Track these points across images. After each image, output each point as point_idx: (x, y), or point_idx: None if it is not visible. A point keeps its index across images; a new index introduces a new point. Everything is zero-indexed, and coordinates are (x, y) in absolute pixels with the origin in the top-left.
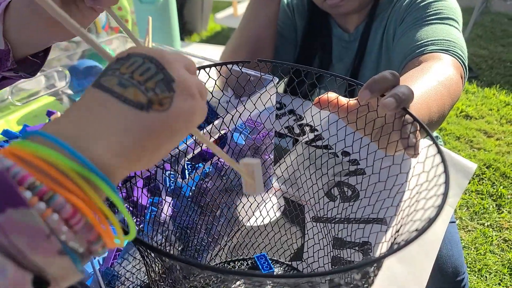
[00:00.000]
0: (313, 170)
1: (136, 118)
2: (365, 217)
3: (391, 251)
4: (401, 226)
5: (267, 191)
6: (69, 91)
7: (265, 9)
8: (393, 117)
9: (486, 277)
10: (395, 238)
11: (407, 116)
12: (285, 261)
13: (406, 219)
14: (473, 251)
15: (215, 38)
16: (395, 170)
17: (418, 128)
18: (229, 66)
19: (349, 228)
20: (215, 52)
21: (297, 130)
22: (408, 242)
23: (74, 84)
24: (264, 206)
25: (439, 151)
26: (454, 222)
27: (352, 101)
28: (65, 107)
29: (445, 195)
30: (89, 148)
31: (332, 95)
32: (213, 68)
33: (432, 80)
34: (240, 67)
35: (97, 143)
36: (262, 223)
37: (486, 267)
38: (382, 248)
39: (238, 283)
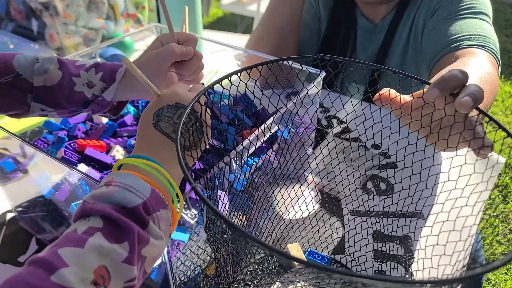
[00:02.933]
0: (346, 163)
1: (184, 153)
2: (401, 211)
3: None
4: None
5: (301, 185)
6: None
7: (290, 1)
8: (461, 116)
9: None
10: (470, 255)
11: (478, 115)
12: (328, 254)
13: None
14: (480, 240)
15: (217, 24)
16: (428, 162)
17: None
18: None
19: (387, 221)
20: (223, 39)
21: (324, 122)
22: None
23: None
24: (304, 200)
25: None
26: None
27: (412, 99)
28: None
29: None
30: (170, 170)
31: (392, 92)
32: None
33: (475, 77)
34: (301, 63)
35: (171, 168)
36: (301, 217)
37: (493, 256)
38: (422, 243)
39: (282, 277)
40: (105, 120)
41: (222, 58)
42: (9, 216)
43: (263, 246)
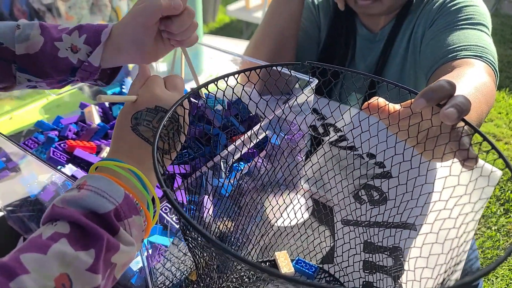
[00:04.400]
0: (339, 171)
1: (164, 158)
2: (394, 222)
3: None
4: (457, 254)
5: (293, 192)
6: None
7: (288, 5)
8: (447, 127)
9: (493, 281)
10: (455, 264)
11: (465, 126)
12: (316, 263)
13: (463, 245)
14: (480, 255)
15: (224, 30)
16: (422, 174)
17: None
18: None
19: (378, 232)
20: (229, 45)
21: (321, 130)
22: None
23: None
24: (293, 207)
25: None
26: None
27: (401, 108)
28: (87, 96)
29: None
30: (149, 176)
31: (381, 101)
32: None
33: (470, 87)
34: (290, 69)
35: (150, 173)
36: (289, 224)
37: (493, 271)
38: (410, 255)
39: (269, 285)
40: (97, 121)
41: (221, 64)
42: None
43: (233, 256)
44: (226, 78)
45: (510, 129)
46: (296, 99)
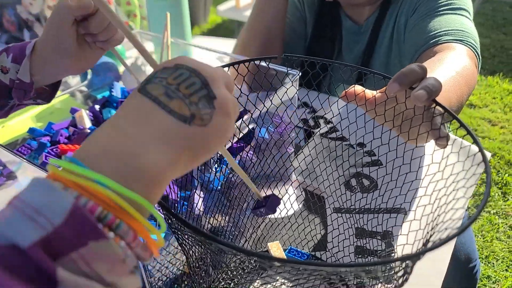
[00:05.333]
0: (331, 162)
1: (179, 129)
2: (384, 207)
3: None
4: (432, 227)
5: (284, 184)
6: (84, 88)
7: (273, 2)
8: (421, 109)
9: (493, 263)
10: (430, 236)
11: (436, 107)
12: (309, 251)
13: (436, 219)
14: (480, 238)
15: (216, 31)
16: (410, 159)
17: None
18: (250, 62)
19: (370, 218)
20: (220, 45)
21: (312, 123)
22: (442, 242)
23: (95, 81)
24: (288, 198)
25: (479, 149)
26: (466, 210)
27: (378, 94)
28: (79, 102)
29: (486, 194)
30: (141, 157)
31: (358, 88)
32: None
33: (450, 70)
34: (268, 63)
35: (148, 153)
36: (285, 215)
37: (493, 254)
38: (402, 236)
39: (263, 275)
40: (88, 125)
41: (210, 63)
42: None
43: (219, 243)
44: None
45: (505, 114)
46: (276, 92)
